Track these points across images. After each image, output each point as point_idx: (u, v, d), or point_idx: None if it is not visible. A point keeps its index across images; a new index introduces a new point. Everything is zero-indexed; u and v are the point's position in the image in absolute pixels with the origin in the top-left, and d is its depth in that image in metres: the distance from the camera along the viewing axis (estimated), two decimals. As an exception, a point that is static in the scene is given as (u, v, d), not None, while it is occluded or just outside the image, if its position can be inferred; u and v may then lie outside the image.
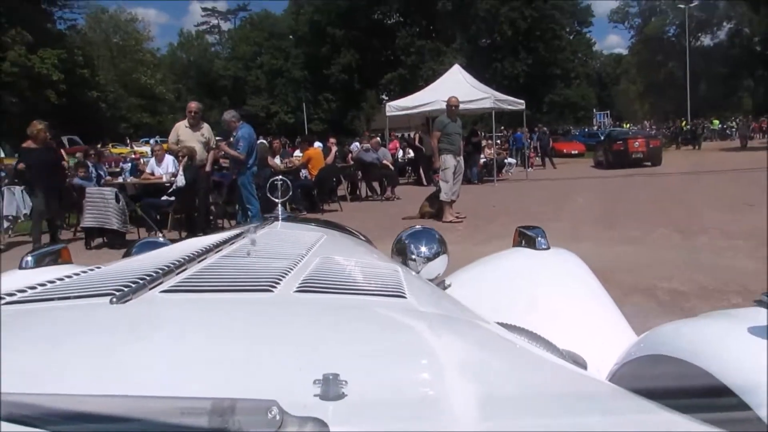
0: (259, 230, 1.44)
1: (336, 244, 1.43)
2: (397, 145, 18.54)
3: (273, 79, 46.39)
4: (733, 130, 37.88)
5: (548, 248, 1.59)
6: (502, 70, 39.98)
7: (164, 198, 7.22)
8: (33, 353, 0.52)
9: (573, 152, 26.31)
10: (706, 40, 53.46)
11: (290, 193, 2.38)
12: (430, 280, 1.43)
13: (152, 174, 8.17)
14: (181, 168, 7.08)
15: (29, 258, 1.46)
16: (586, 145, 26.08)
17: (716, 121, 37.87)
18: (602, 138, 21.65)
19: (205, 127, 7.27)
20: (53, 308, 0.69)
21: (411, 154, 16.84)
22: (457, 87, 14.78)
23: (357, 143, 15.68)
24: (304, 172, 9.99)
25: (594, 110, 46.68)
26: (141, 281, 0.73)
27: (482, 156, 17.24)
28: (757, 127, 31.72)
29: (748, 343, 0.69)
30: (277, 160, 10.26)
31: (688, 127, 30.54)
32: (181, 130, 7.12)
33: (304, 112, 42.77)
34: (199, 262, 0.94)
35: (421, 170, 14.99)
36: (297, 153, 11.66)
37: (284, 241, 1.31)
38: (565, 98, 43.20)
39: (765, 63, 48.55)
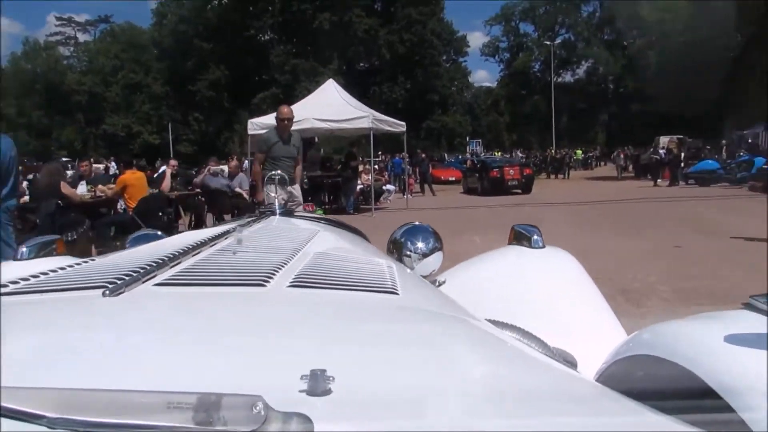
0: (255, 225, 1.44)
1: (331, 240, 1.40)
2: (264, 168, 16.39)
3: (131, 94, 41.96)
4: (594, 160, 40.61)
5: (543, 247, 1.59)
6: (381, 94, 39.26)
7: None
8: (24, 345, 0.53)
9: (450, 179, 26.26)
10: (567, 77, 57.40)
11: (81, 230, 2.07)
12: (425, 277, 1.43)
13: None
14: None
15: (24, 249, 1.42)
16: (462, 172, 25.83)
17: (579, 152, 39.93)
18: (478, 165, 21.24)
19: None
20: (47, 300, 0.70)
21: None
22: (331, 104, 13.01)
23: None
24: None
25: (468, 138, 47.65)
26: (134, 274, 0.74)
27: (359, 182, 15.70)
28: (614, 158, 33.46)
29: (733, 345, 0.70)
30: (82, 188, 7.62)
31: (558, 156, 31.51)
32: None
33: (169, 132, 38.97)
34: (193, 255, 0.93)
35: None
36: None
37: (279, 236, 1.29)
38: (442, 125, 43.51)
39: (618, 100, 53.10)
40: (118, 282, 0.69)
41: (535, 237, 1.60)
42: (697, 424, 0.50)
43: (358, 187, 15.62)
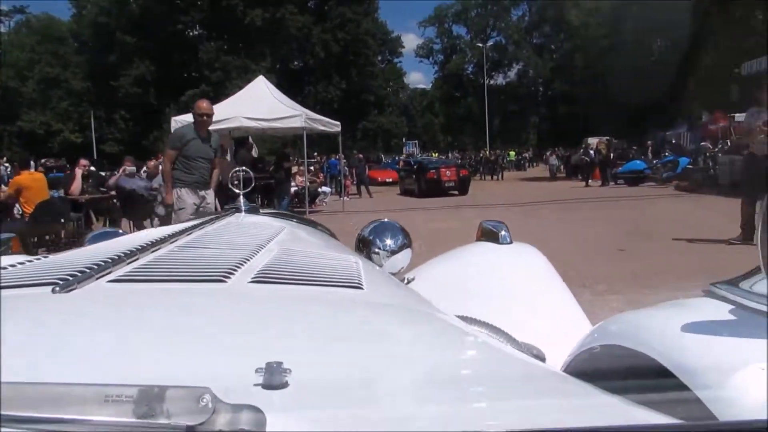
0: (220, 221, 1.40)
1: (296, 237, 1.37)
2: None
3: (48, 89, 39.16)
4: (526, 161, 41.58)
5: (511, 243, 1.60)
6: (316, 94, 38.49)
7: None
8: None
9: (387, 180, 26.04)
10: (499, 79, 58.67)
11: None
12: (394, 274, 1.41)
13: None
14: None
15: None
16: (398, 173, 25.64)
17: (512, 153, 40.72)
18: (414, 166, 21.03)
19: None
20: None
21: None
22: (262, 101, 12.28)
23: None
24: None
25: (404, 139, 47.67)
26: (88, 270, 0.72)
27: (293, 184, 15.10)
28: (546, 158, 34.37)
29: (694, 332, 0.72)
30: (-31, 190, 6.66)
31: (492, 157, 31.88)
32: None
33: (92, 131, 36.59)
34: (152, 252, 0.91)
35: (216, 202, 12.08)
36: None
37: (243, 233, 1.26)
38: (378, 125, 43.23)
39: (547, 103, 54.78)
40: (70, 278, 0.67)
41: (503, 233, 1.62)
42: (661, 408, 0.51)
43: (292, 189, 15.00)
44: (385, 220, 1.71)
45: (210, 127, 13.18)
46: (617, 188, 17.17)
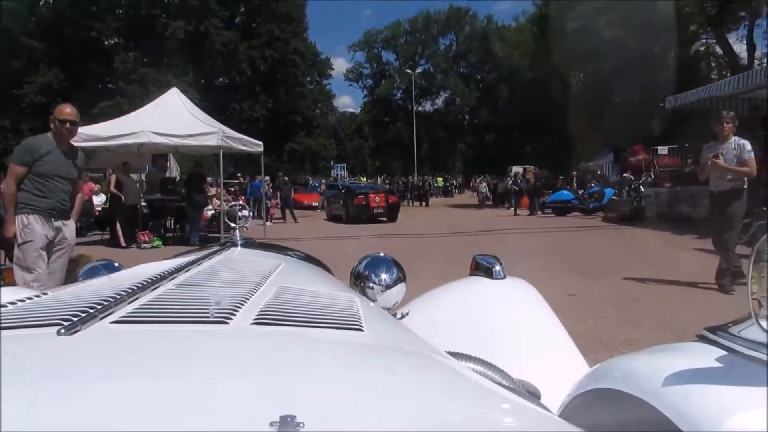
0: (217, 256, 1.41)
1: (294, 273, 1.37)
2: (93, 188, 13.89)
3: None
4: (454, 188, 41.93)
5: (504, 278, 1.61)
6: (241, 112, 37.02)
7: None
8: None
9: (314, 204, 25.16)
10: (428, 106, 59.54)
11: None
12: (388, 309, 1.44)
13: None
14: None
15: None
16: (324, 197, 24.77)
17: (440, 179, 40.94)
18: (342, 190, 20.26)
19: None
20: None
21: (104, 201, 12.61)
22: (174, 115, 11.08)
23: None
24: None
25: (332, 162, 46.98)
26: (91, 310, 0.71)
27: (209, 207, 13.89)
28: (475, 186, 34.49)
29: (689, 376, 0.74)
30: None
31: (420, 183, 31.69)
32: None
33: (-9, 142, 33.17)
34: (152, 290, 0.91)
35: (118, 226, 10.70)
36: None
37: (241, 270, 1.27)
38: (306, 147, 42.18)
39: (473, 131, 56.02)
40: (74, 319, 0.67)
41: (497, 268, 1.61)
42: None
43: (209, 212, 13.77)
44: (381, 254, 1.68)
45: (114, 142, 11.49)
46: (546, 218, 17.16)
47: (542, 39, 34.62)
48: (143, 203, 12.21)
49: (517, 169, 25.68)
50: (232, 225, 1.75)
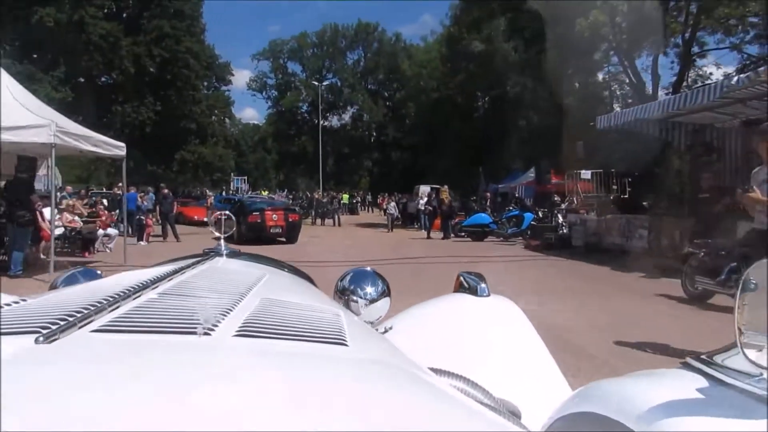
0: (200, 266, 1.39)
1: (278, 285, 1.37)
2: None
3: None
4: (360, 205, 40.23)
5: (489, 295, 1.62)
6: (125, 115, 32.90)
7: None
8: None
9: (205, 219, 22.12)
10: (334, 121, 57.76)
11: None
12: (372, 323, 1.45)
13: None
14: None
15: None
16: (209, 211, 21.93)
17: (346, 196, 39.07)
18: (237, 205, 17.71)
19: None
20: None
21: None
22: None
23: None
24: None
25: (232, 174, 43.62)
26: (70, 318, 0.70)
27: (60, 224, 11.05)
28: (382, 203, 32.83)
29: (671, 403, 0.75)
30: None
31: (325, 200, 29.48)
32: None
33: None
34: (133, 299, 0.89)
35: None
36: None
37: (224, 280, 1.26)
38: (199, 157, 38.47)
39: (380, 147, 54.87)
40: (53, 327, 0.66)
41: (482, 285, 1.62)
42: None
43: (59, 230, 10.79)
44: (368, 268, 1.67)
45: None
46: (462, 243, 15.61)
47: (450, 59, 33.95)
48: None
49: (424, 188, 24.21)
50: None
